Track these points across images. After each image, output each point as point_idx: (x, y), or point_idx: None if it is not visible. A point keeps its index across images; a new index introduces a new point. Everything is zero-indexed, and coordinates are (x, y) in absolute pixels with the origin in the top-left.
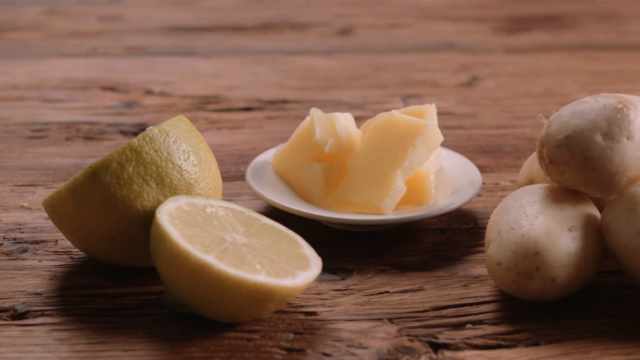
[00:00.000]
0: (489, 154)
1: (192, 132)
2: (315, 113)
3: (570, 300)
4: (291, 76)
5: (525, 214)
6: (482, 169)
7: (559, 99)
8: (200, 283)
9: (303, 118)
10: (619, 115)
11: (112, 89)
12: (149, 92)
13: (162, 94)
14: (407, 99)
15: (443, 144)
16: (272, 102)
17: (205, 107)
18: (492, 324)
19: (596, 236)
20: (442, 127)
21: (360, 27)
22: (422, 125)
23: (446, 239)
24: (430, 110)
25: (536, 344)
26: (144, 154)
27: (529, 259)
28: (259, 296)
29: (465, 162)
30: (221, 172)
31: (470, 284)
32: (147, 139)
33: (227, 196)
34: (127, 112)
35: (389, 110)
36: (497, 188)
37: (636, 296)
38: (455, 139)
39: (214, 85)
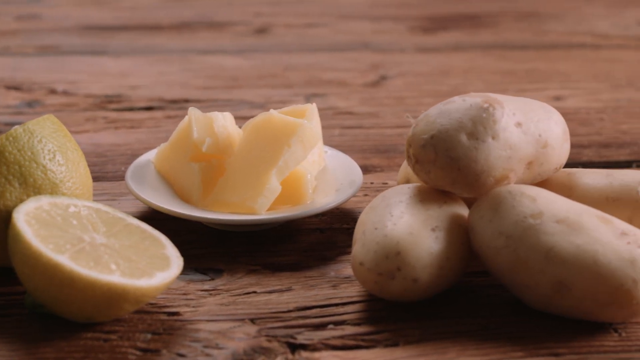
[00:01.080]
0: (383, 154)
1: (59, 132)
2: (192, 112)
3: (436, 301)
4: (198, 75)
5: (390, 213)
6: (373, 168)
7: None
8: (53, 283)
9: None
10: (484, 115)
11: (16, 88)
12: (53, 92)
13: (65, 93)
14: (311, 98)
15: (340, 144)
16: (174, 102)
17: (107, 107)
18: (354, 325)
19: (462, 236)
20: (340, 127)
21: (277, 27)
22: (298, 124)
23: (324, 238)
24: (310, 110)
25: (395, 344)
26: (7, 154)
27: (390, 259)
28: (112, 296)
29: (349, 161)
30: (110, 172)
31: (340, 285)
32: (11, 139)
33: (112, 196)
34: (26, 112)
35: None
36: (385, 188)
37: (501, 296)
38: (352, 139)
39: (118, 85)
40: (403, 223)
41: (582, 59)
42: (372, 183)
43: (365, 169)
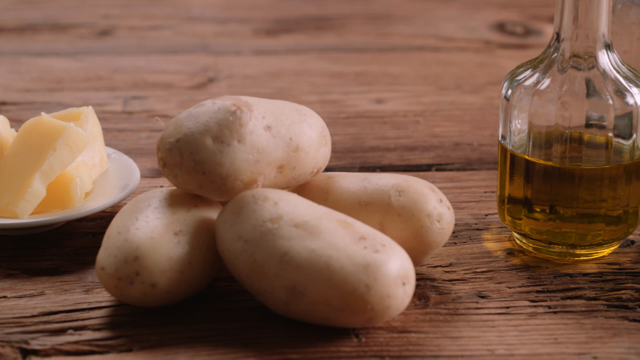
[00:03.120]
0: None
1: None
2: None
3: (180, 306)
4: (24, 78)
5: (136, 217)
6: None
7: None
8: None
9: (17, 120)
10: (231, 118)
11: None
12: None
13: None
14: (130, 101)
15: (145, 146)
16: None
17: None
18: (94, 330)
19: (207, 241)
20: (150, 130)
21: (121, 29)
22: (64, 127)
23: (93, 243)
24: (85, 113)
25: (129, 350)
26: None
27: (129, 263)
28: None
29: (132, 165)
30: None
31: (93, 290)
32: None
33: None
34: None
35: (107, 112)
36: None
37: (250, 302)
38: (151, 142)
39: None
40: (146, 227)
41: (417, 62)
42: (161, 186)
43: (160, 173)
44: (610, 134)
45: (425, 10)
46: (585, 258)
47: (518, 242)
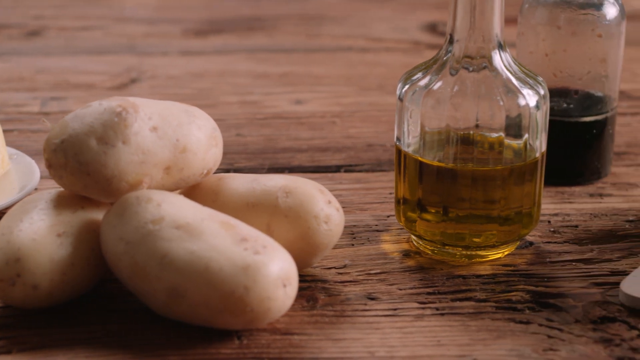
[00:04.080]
0: None
1: None
2: None
3: (67, 307)
4: None
5: (21, 219)
6: None
7: (203, 102)
8: None
9: None
10: (116, 119)
11: None
12: None
13: None
14: (48, 102)
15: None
16: None
17: None
18: None
19: (92, 242)
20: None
21: (51, 29)
22: None
23: None
24: None
25: (8, 352)
26: None
27: (11, 265)
28: None
29: (33, 166)
30: None
31: None
32: None
33: None
34: None
35: (23, 112)
36: None
37: (132, 303)
38: None
39: None
40: (29, 229)
41: (343, 63)
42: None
43: None
44: (502, 135)
45: (359, 11)
46: (480, 260)
47: (415, 243)
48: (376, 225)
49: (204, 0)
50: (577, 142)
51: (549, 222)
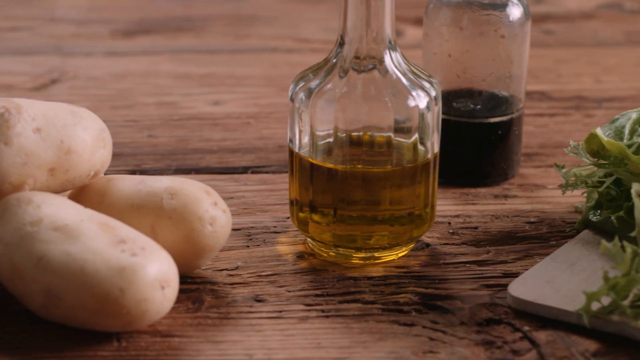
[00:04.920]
0: None
1: None
2: None
3: None
4: None
5: None
6: None
7: (120, 103)
8: None
9: None
10: None
11: None
12: None
13: None
14: None
15: None
16: None
17: None
18: None
19: None
20: None
21: None
22: None
23: None
24: None
25: None
26: None
27: None
28: None
29: None
30: None
31: None
32: None
33: None
34: None
35: None
36: None
37: (14, 306)
38: None
39: None
40: None
41: (267, 63)
42: None
43: None
44: (391, 135)
45: (292, 11)
46: (372, 262)
47: (311, 245)
48: (275, 226)
49: (136, 0)
50: (482, 143)
51: (449, 223)
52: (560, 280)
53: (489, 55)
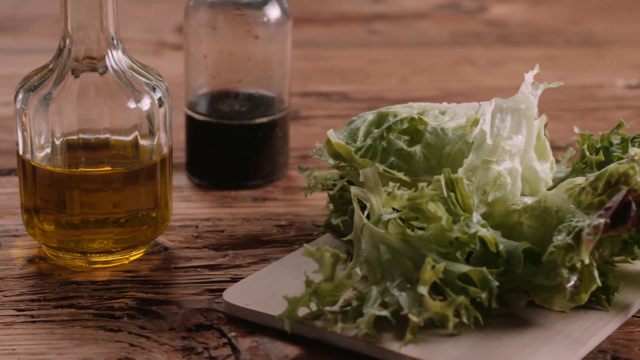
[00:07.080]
0: None
1: None
2: None
3: None
4: None
5: None
6: None
7: None
8: None
9: None
10: None
11: None
12: None
13: None
14: None
15: None
16: None
17: None
18: None
19: None
20: None
21: None
22: None
23: None
24: None
25: None
26: None
27: None
28: None
29: None
30: None
31: None
32: None
33: None
34: None
35: None
36: None
37: None
38: None
39: None
40: None
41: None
42: None
43: None
44: (109, 137)
45: (124, 11)
46: (101, 266)
47: (45, 249)
48: (17, 230)
49: None
50: (243, 145)
51: (197, 226)
52: (279, 286)
53: (243, 56)
